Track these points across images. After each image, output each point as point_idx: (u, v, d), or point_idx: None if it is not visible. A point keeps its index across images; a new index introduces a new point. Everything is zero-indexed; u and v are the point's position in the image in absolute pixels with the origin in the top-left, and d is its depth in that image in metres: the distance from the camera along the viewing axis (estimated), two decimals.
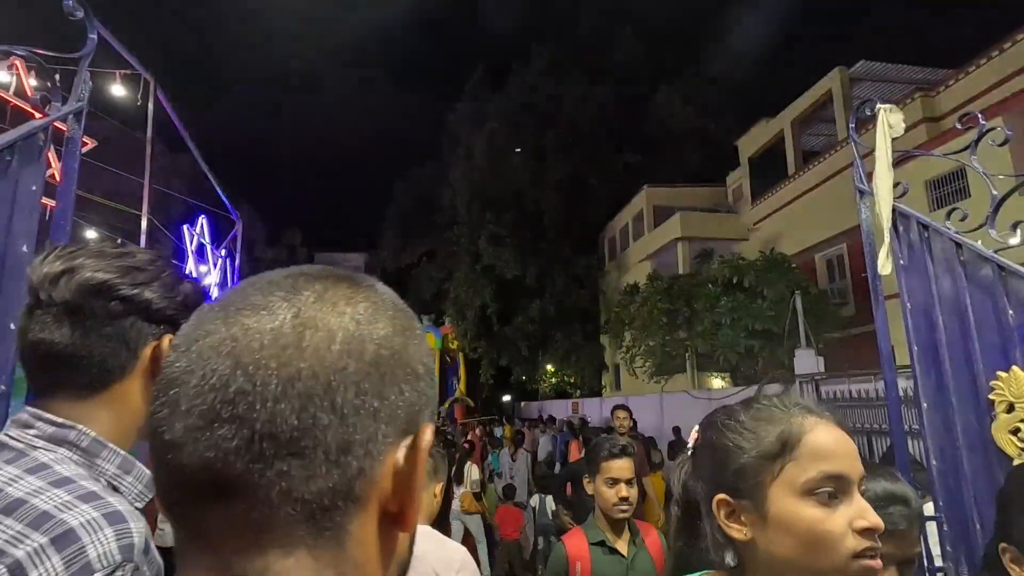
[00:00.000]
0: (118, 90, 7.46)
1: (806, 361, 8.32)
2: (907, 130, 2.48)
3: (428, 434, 0.37)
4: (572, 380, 23.93)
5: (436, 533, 1.70)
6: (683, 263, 16.72)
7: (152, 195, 7.55)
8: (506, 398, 32.30)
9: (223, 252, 7.95)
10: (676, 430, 8.91)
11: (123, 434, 0.73)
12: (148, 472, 0.72)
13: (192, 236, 7.82)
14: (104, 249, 0.74)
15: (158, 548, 0.67)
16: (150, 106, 7.33)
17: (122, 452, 0.71)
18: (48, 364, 0.70)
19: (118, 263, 0.72)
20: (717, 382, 13.79)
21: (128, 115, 8.62)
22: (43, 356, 0.69)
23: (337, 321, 0.35)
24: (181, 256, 7.58)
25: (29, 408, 0.70)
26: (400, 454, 0.35)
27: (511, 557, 5.90)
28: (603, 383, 23.99)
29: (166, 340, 0.74)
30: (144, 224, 5.63)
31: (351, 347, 0.34)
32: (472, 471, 6.04)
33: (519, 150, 22.22)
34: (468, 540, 5.26)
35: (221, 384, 0.32)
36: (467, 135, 23.60)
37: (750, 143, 16.83)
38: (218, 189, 7.25)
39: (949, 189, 10.27)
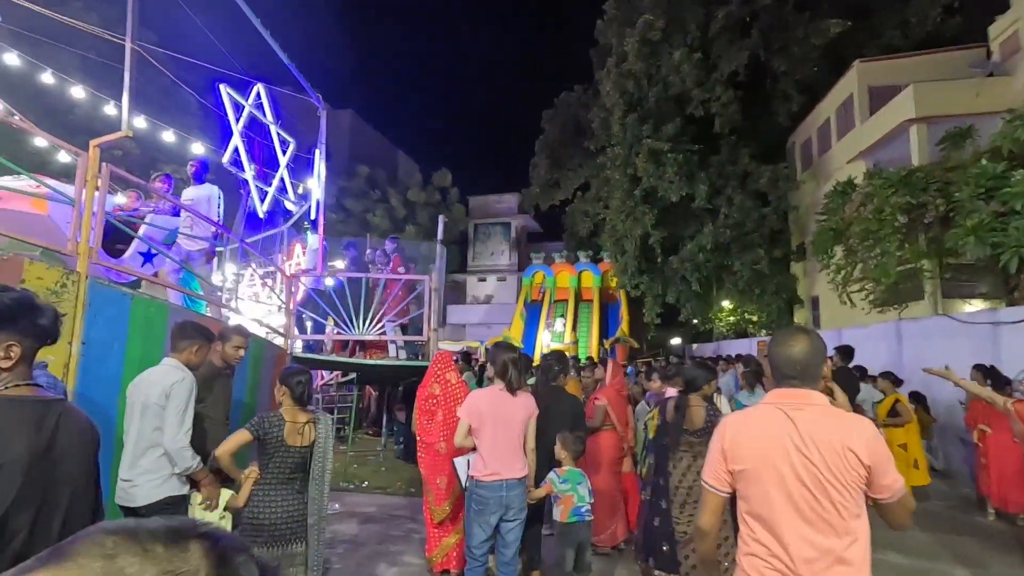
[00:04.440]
0: None
1: None
2: None
3: None
4: (755, 318, 20.36)
5: None
6: (919, 153, 12.31)
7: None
8: (676, 341, 29.38)
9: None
10: (987, 369, 5.87)
11: None
12: None
13: (233, 102, 6.51)
14: None
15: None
16: None
17: None
18: None
19: None
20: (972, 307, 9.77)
21: None
22: None
23: None
24: (222, 126, 6.45)
25: None
26: None
27: None
28: (796, 320, 20.01)
29: None
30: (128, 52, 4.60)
31: None
32: None
33: (679, 45, 18.55)
34: None
35: None
36: (617, 40, 20.46)
37: None
38: (292, 68, 6.06)
39: None
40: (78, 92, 6.73)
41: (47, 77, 6.46)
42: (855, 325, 11.87)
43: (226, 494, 3.10)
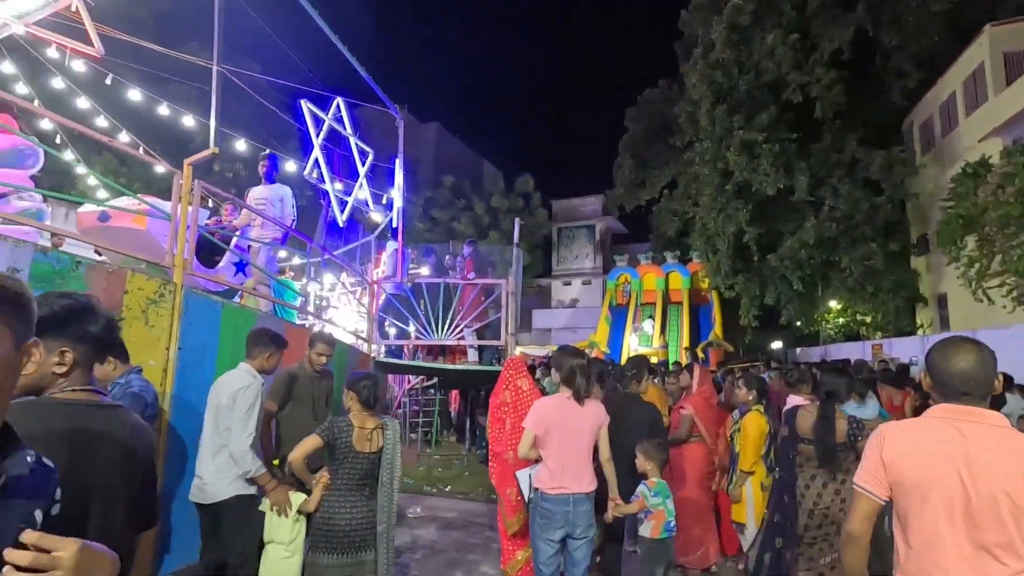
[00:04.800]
0: None
1: None
2: None
3: None
4: (868, 319, 18.48)
5: None
6: None
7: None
8: (776, 344, 27.45)
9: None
10: None
11: None
12: None
13: (313, 116, 6.70)
14: None
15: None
16: None
17: None
18: None
19: None
20: None
21: None
22: None
23: None
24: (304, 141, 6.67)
25: None
26: None
27: None
28: (918, 321, 17.93)
29: None
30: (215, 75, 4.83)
31: None
32: None
33: (772, 28, 17.30)
34: None
35: None
36: (703, 29, 19.49)
37: None
38: (371, 82, 6.22)
39: None
40: (179, 116, 7.40)
41: (146, 102, 7.17)
42: (994, 325, 10.33)
43: (299, 498, 3.14)
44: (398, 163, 7.38)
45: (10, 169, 4.31)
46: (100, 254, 4.38)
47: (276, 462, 3.55)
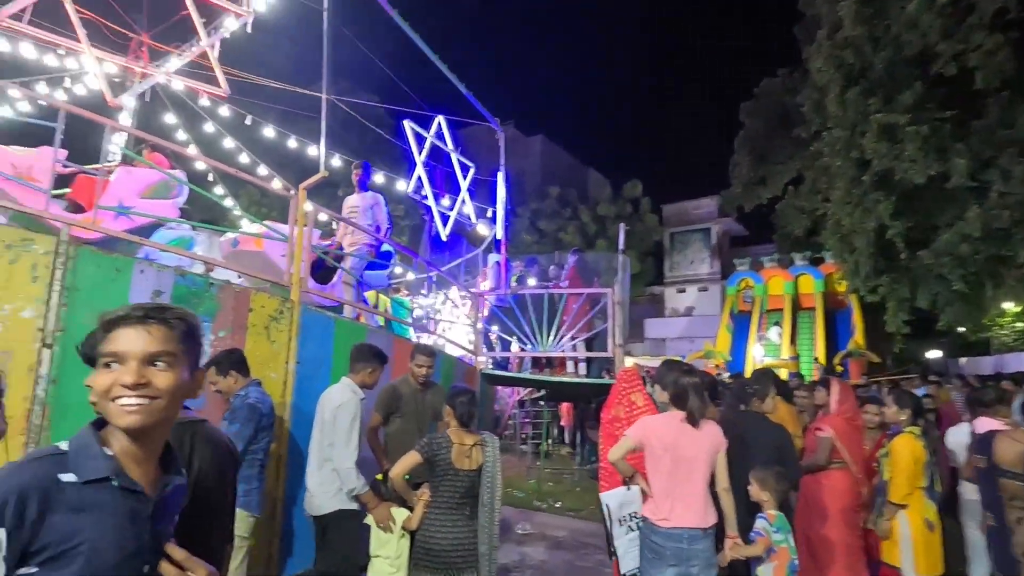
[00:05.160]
0: None
1: None
2: None
3: None
4: None
5: None
6: None
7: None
8: (934, 354, 23.98)
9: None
10: None
11: None
12: None
13: (416, 135, 6.75)
14: None
15: None
16: None
17: None
18: None
19: None
20: None
21: None
22: None
23: None
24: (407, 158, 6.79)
25: None
26: None
27: None
28: None
29: None
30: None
31: None
32: None
33: None
34: None
35: None
36: (828, 7, 17.72)
37: None
38: (471, 98, 6.28)
39: None
40: (304, 147, 8.08)
41: (268, 131, 7.92)
42: None
43: (402, 515, 3.14)
44: (500, 176, 7.41)
45: (161, 200, 4.88)
46: (240, 277, 4.81)
47: (380, 477, 3.61)
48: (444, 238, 7.03)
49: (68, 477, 0.97)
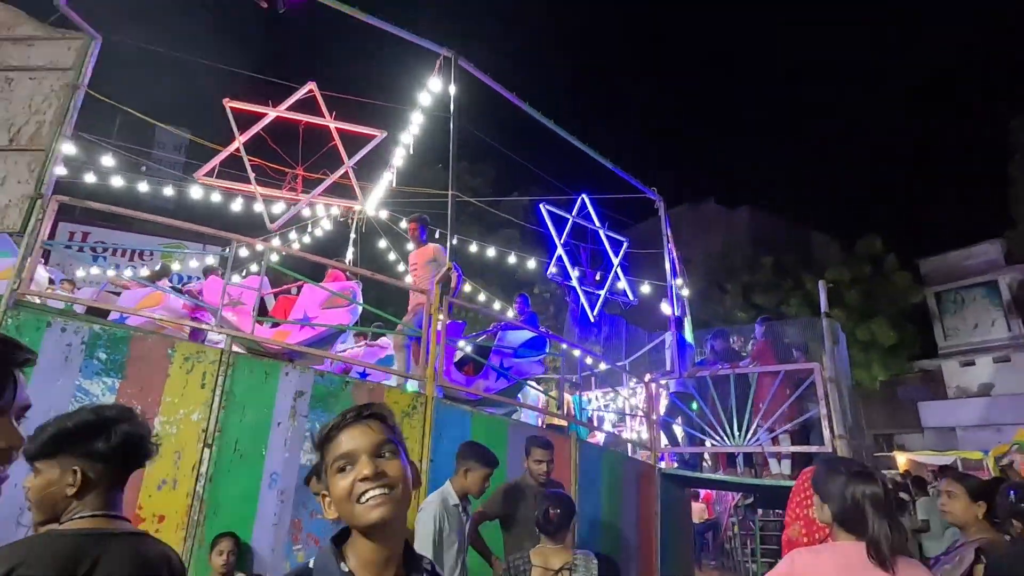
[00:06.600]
0: None
1: None
2: None
3: None
4: None
5: None
6: None
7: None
8: None
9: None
10: None
11: None
12: None
13: (555, 217, 6.34)
14: None
15: None
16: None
17: None
18: None
19: None
20: None
21: None
22: None
23: None
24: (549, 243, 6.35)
25: None
26: None
27: None
28: None
29: None
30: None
31: None
32: None
33: None
34: None
35: None
36: None
37: None
38: (621, 172, 5.88)
39: None
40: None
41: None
42: None
43: None
44: (667, 251, 6.76)
45: (338, 311, 5.49)
46: (389, 375, 5.04)
47: None
48: (592, 319, 6.53)
49: None
